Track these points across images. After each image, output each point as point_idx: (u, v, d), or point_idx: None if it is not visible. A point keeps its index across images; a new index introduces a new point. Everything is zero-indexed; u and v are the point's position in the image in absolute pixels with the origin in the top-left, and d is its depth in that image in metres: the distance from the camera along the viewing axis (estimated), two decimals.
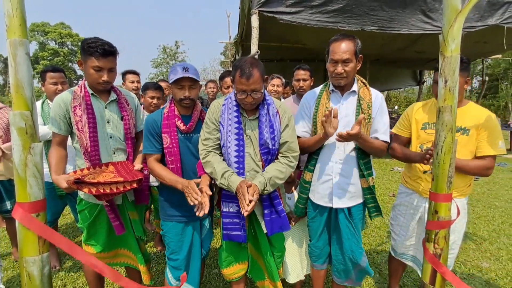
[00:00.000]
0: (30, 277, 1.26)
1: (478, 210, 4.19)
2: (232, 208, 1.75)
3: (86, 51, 1.65)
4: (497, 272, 2.64)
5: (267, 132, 1.67)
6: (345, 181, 1.77)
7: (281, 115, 1.73)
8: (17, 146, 1.19)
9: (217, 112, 1.73)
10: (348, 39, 1.71)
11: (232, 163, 1.69)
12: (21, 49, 1.17)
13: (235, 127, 1.68)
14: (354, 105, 1.78)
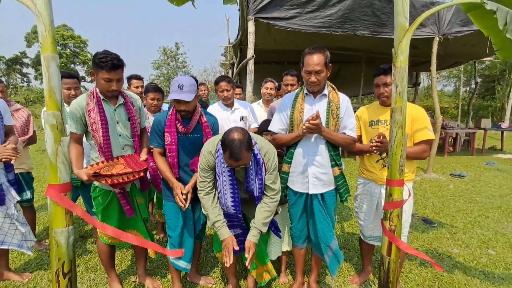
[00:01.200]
0: (58, 245, 1.57)
1: (458, 204, 4.48)
2: (237, 231, 2.05)
3: (97, 64, 1.93)
4: (465, 257, 2.92)
5: (253, 184, 1.92)
6: (319, 170, 2.06)
7: (265, 162, 1.93)
8: (49, 140, 1.50)
9: (210, 161, 1.91)
10: (319, 52, 1.98)
11: (229, 206, 1.96)
12: (53, 63, 1.47)
13: (229, 181, 1.91)
14: (325, 106, 2.04)
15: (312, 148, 2.07)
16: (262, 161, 1.90)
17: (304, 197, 2.12)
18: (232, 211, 1.97)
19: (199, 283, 2.42)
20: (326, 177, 2.07)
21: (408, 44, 1.64)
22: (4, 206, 2.20)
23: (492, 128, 9.66)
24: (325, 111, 2.05)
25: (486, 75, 26.23)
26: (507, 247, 3.12)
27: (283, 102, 2.20)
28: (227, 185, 1.92)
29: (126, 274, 2.59)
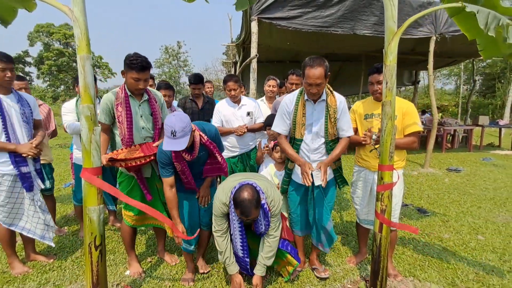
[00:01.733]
0: (91, 221, 1.80)
1: (453, 196, 4.69)
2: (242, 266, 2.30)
3: (128, 65, 2.17)
4: (455, 242, 3.14)
5: (261, 227, 2.17)
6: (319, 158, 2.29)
7: (271, 209, 2.15)
8: (84, 129, 1.72)
9: (224, 210, 2.13)
10: (320, 65, 2.09)
11: (238, 249, 2.21)
12: (87, 62, 1.70)
13: (239, 228, 2.16)
14: (324, 111, 2.25)
15: (312, 147, 2.30)
16: (269, 209, 2.12)
17: (305, 186, 2.33)
18: (240, 254, 2.22)
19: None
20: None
21: (396, 45, 1.86)
22: (32, 193, 2.44)
23: (489, 125, 9.85)
24: (324, 115, 2.26)
25: (487, 73, 26.36)
26: (495, 233, 3.34)
27: (285, 105, 2.34)
28: (236, 231, 2.16)
29: (142, 256, 2.82)
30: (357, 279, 2.44)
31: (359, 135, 2.52)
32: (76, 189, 3.20)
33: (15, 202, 2.37)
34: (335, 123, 2.27)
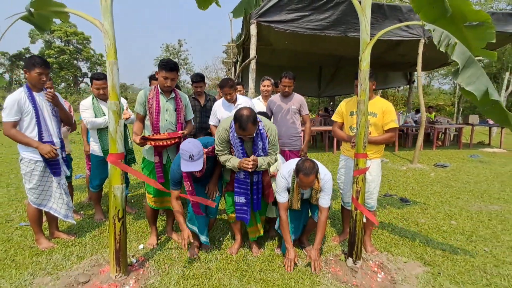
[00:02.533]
0: (115, 197, 2.18)
1: (435, 188, 5.08)
2: (241, 200, 2.62)
3: (160, 66, 2.59)
4: (429, 225, 3.52)
5: (260, 149, 2.50)
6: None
7: (268, 135, 2.52)
8: (111, 121, 2.10)
9: (224, 136, 2.48)
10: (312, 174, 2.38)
11: (241, 171, 2.55)
12: (115, 66, 2.07)
13: (240, 149, 2.50)
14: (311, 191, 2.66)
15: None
16: (266, 135, 2.50)
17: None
18: (242, 177, 2.59)
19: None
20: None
21: (369, 54, 2.23)
22: (58, 178, 2.81)
23: (479, 124, 10.24)
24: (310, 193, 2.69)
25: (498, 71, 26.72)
26: (467, 219, 3.72)
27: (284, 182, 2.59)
28: (239, 153, 2.52)
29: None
30: (338, 253, 2.82)
31: (345, 129, 2.90)
32: (92, 177, 3.56)
33: (45, 185, 2.75)
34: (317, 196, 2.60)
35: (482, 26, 2.45)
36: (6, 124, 2.53)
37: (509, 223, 3.61)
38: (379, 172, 2.77)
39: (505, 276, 2.49)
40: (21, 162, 2.68)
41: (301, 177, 2.37)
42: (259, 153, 2.52)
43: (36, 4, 2.07)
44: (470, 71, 2.11)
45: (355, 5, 2.29)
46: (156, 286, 2.28)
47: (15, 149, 8.45)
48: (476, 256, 2.82)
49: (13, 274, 2.42)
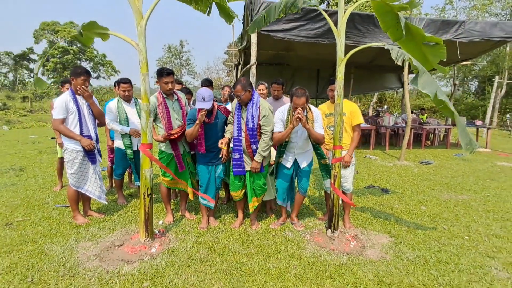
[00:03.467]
0: (145, 178, 2.80)
1: (415, 181, 5.69)
2: (236, 156, 3.23)
3: (159, 74, 3.17)
4: (402, 209, 4.14)
5: (250, 118, 3.10)
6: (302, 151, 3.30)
7: (260, 110, 3.12)
8: (143, 119, 2.73)
9: (233, 105, 3.27)
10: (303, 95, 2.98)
11: (235, 131, 3.20)
12: (147, 77, 2.70)
13: (237, 114, 3.20)
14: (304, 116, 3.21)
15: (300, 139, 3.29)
16: (258, 106, 3.14)
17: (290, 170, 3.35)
18: (236, 135, 3.21)
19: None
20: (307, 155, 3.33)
21: (343, 67, 2.86)
22: (94, 165, 3.44)
23: (466, 125, 10.85)
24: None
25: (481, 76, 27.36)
26: (436, 205, 4.34)
27: (281, 113, 3.25)
28: (236, 117, 3.23)
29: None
30: (322, 228, 3.45)
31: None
32: (116, 167, 4.18)
33: (83, 171, 3.38)
34: (313, 124, 3.16)
35: (436, 46, 3.08)
36: (56, 121, 3.16)
37: (472, 209, 4.22)
38: (353, 161, 3.40)
39: (454, 245, 3.11)
40: (65, 152, 3.31)
41: (295, 99, 2.98)
42: (249, 120, 3.13)
43: (87, 27, 2.70)
44: (424, 78, 2.73)
45: (332, 29, 2.93)
46: (176, 248, 2.91)
47: (32, 146, 9.13)
48: (435, 231, 3.45)
49: (60, 241, 3.05)
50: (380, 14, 3.21)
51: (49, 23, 38.87)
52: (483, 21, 7.85)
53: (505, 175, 6.30)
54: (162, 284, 2.35)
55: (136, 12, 2.63)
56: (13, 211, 3.82)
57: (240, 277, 2.47)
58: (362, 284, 2.40)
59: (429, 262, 2.76)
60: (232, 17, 3.45)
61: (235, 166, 3.26)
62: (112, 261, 2.66)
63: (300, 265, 2.66)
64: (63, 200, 4.26)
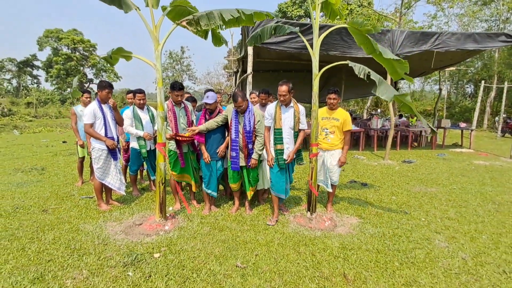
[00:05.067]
0: (160, 169, 3.53)
1: (393, 178, 6.39)
2: (233, 154, 3.84)
3: (172, 87, 3.90)
4: (374, 199, 4.83)
5: (247, 122, 3.75)
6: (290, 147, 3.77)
7: (255, 116, 3.80)
8: (159, 123, 3.46)
9: (228, 112, 3.85)
10: (286, 84, 3.60)
11: (233, 133, 3.79)
12: (162, 90, 3.44)
13: (235, 119, 3.82)
14: (292, 113, 3.72)
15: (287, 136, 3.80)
16: (253, 113, 3.81)
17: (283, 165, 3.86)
18: (234, 137, 3.81)
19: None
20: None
21: (318, 82, 3.59)
22: (116, 161, 4.16)
23: (451, 127, 11.59)
24: (292, 115, 3.75)
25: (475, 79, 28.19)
26: (405, 196, 5.05)
27: (269, 109, 3.84)
28: (233, 123, 3.81)
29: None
30: (304, 212, 4.15)
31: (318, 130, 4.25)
32: (131, 164, 4.90)
33: (107, 166, 4.10)
34: (299, 121, 3.77)
35: (401, 61, 3.78)
36: (86, 125, 3.89)
37: (436, 199, 4.93)
38: (337, 156, 4.11)
39: (410, 224, 3.81)
40: (92, 150, 4.03)
41: (279, 88, 3.64)
42: (246, 124, 3.79)
43: (115, 51, 3.43)
44: (382, 87, 3.45)
45: (308, 49, 3.67)
46: (185, 226, 3.62)
47: (46, 149, 9.84)
48: (398, 215, 4.15)
49: (90, 222, 3.76)
50: (354, 34, 3.95)
51: (53, 31, 39.76)
52: (458, 33, 8.59)
53: (476, 172, 7.01)
54: (175, 249, 3.07)
55: (154, 39, 3.38)
56: (45, 201, 4.53)
57: (235, 245, 3.18)
58: (329, 249, 3.11)
59: (386, 235, 3.47)
60: (221, 42, 4.19)
61: (232, 162, 3.91)
62: (135, 235, 3.38)
63: (283, 237, 3.38)
64: (86, 192, 4.99)
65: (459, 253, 3.07)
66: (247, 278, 2.57)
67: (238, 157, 3.89)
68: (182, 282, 2.51)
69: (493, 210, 4.39)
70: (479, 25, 25.09)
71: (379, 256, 2.97)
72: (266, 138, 3.84)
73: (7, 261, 2.78)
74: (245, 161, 3.92)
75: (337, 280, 2.57)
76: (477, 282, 2.58)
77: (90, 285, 2.44)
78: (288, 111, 3.78)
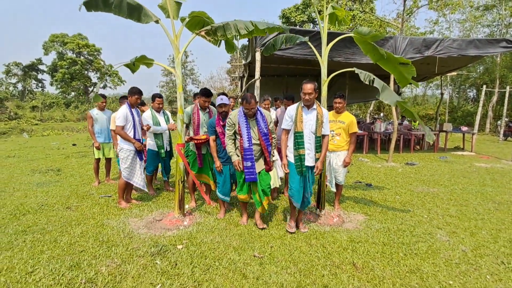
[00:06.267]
0: (179, 169, 3.78)
1: (397, 179, 6.61)
2: (247, 164, 3.52)
3: (201, 93, 4.15)
4: (379, 198, 5.05)
5: (263, 125, 3.51)
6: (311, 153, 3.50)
7: (266, 117, 3.58)
8: (179, 126, 3.72)
9: (233, 120, 3.53)
10: (312, 82, 3.36)
11: (246, 141, 3.48)
12: (182, 95, 3.71)
13: (245, 125, 3.50)
14: (315, 115, 3.44)
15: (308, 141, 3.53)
16: (264, 115, 3.58)
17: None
18: (247, 146, 3.50)
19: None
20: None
21: (326, 86, 3.85)
22: (141, 161, 4.44)
23: (452, 130, 11.81)
24: (315, 119, 3.46)
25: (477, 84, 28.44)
26: (409, 195, 5.28)
27: (289, 111, 3.56)
28: (244, 129, 3.51)
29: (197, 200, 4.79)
30: (313, 210, 4.39)
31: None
32: (148, 165, 5.16)
33: (133, 166, 4.38)
34: (322, 125, 3.47)
35: (408, 66, 4.02)
36: (118, 127, 4.19)
37: (438, 198, 5.16)
38: (342, 158, 4.35)
39: (414, 221, 4.04)
40: (121, 151, 4.30)
41: (304, 86, 3.35)
42: (262, 127, 3.53)
43: (139, 59, 3.70)
44: (386, 92, 3.71)
45: (318, 57, 3.93)
46: (202, 222, 3.87)
47: (58, 151, 10.11)
48: (402, 212, 4.38)
49: (113, 218, 4.02)
50: (360, 43, 4.20)
51: (58, 35, 40.32)
52: (460, 39, 8.85)
53: (477, 174, 7.22)
54: (196, 242, 3.31)
55: (175, 48, 3.65)
56: (67, 200, 4.79)
57: (251, 238, 3.43)
58: (338, 242, 3.35)
59: (391, 230, 3.70)
60: (234, 49, 4.47)
61: (248, 173, 3.54)
62: (156, 229, 3.63)
63: (295, 232, 3.62)
64: (104, 192, 5.25)
65: (459, 246, 3.29)
66: (265, 266, 2.81)
67: (254, 167, 3.57)
68: (206, 269, 2.75)
69: (493, 209, 4.61)
70: (481, 30, 25.40)
71: (385, 248, 3.21)
72: (283, 141, 3.59)
73: (42, 252, 3.03)
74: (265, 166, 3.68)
75: (347, 268, 2.81)
76: (476, 271, 2.81)
77: (123, 271, 2.68)
78: (311, 113, 3.50)
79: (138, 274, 2.64)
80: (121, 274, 2.64)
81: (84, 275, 2.60)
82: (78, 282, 2.50)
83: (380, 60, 4.16)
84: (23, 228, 3.59)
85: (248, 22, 3.75)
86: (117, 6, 3.52)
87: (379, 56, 4.13)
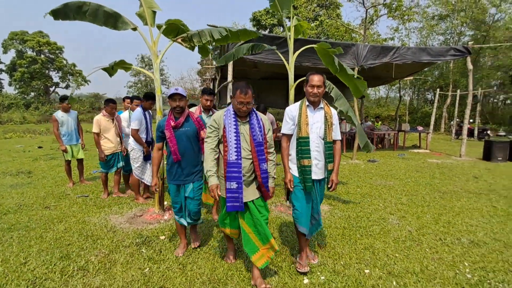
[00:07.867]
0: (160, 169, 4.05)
1: (359, 174, 7.23)
2: (233, 185, 2.39)
3: (204, 92, 4.18)
4: (342, 191, 5.61)
5: (258, 131, 2.43)
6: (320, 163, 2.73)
7: (263, 122, 2.50)
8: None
9: (218, 120, 2.45)
10: (320, 74, 2.59)
11: (233, 152, 2.36)
12: (161, 97, 3.97)
13: (234, 130, 2.39)
14: (323, 116, 2.67)
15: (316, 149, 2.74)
16: (260, 118, 2.52)
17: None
18: (233, 158, 2.39)
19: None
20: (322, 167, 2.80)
21: (293, 90, 4.28)
22: (149, 161, 4.61)
23: (410, 130, 12.87)
24: (323, 120, 2.70)
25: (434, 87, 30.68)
26: (368, 188, 5.87)
27: (289, 111, 2.78)
28: (232, 135, 2.40)
29: None
30: (283, 202, 4.81)
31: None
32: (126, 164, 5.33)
33: (144, 165, 4.59)
34: (331, 127, 2.70)
35: (361, 80, 4.58)
36: (134, 130, 4.38)
37: (393, 190, 5.79)
38: None
39: (371, 209, 4.59)
40: (132, 151, 4.50)
41: (311, 78, 2.63)
42: (257, 134, 2.48)
43: (118, 63, 3.93)
44: (341, 101, 4.23)
45: (285, 64, 4.36)
46: None
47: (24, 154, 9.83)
48: (361, 202, 4.94)
49: (94, 215, 4.19)
50: (322, 55, 4.70)
51: (18, 33, 38.13)
52: (414, 47, 9.77)
53: (429, 168, 8.07)
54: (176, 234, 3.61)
55: (153, 54, 3.92)
56: (44, 200, 4.86)
57: None
58: None
59: (351, 217, 4.21)
60: (208, 53, 4.78)
61: (230, 199, 2.44)
62: (138, 223, 3.87)
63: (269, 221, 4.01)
64: (80, 192, 5.35)
65: (406, 227, 3.86)
66: (242, 249, 3.17)
67: (241, 190, 2.44)
68: (189, 254, 3.07)
69: (438, 197, 5.30)
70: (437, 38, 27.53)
71: (345, 231, 3.69)
72: (284, 150, 2.79)
73: (31, 246, 3.19)
74: (259, 191, 2.56)
75: (313, 249, 3.24)
76: (418, 246, 3.36)
77: (112, 259, 2.93)
78: (318, 113, 2.74)
79: (126, 261, 2.90)
80: (110, 262, 2.89)
81: (75, 264, 2.82)
82: (71, 270, 2.72)
83: (338, 73, 4.67)
84: (7, 226, 3.69)
85: (223, 28, 4.09)
86: (91, 14, 3.68)
87: (336, 69, 4.63)
